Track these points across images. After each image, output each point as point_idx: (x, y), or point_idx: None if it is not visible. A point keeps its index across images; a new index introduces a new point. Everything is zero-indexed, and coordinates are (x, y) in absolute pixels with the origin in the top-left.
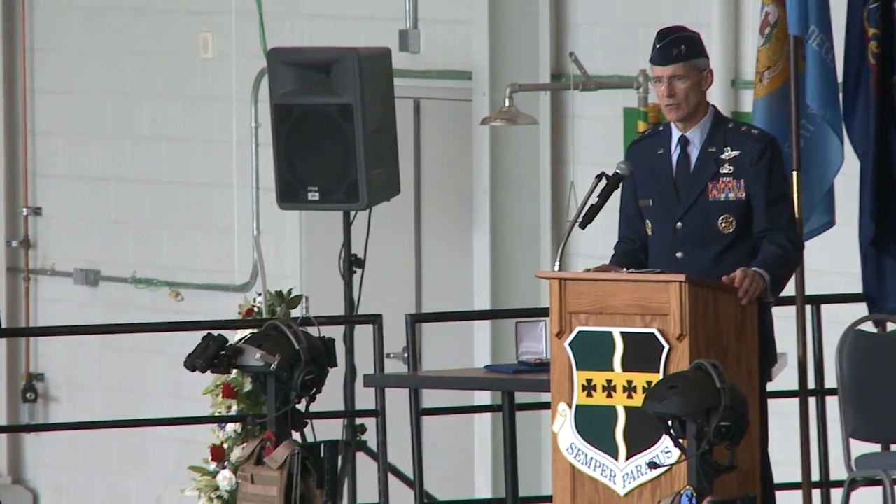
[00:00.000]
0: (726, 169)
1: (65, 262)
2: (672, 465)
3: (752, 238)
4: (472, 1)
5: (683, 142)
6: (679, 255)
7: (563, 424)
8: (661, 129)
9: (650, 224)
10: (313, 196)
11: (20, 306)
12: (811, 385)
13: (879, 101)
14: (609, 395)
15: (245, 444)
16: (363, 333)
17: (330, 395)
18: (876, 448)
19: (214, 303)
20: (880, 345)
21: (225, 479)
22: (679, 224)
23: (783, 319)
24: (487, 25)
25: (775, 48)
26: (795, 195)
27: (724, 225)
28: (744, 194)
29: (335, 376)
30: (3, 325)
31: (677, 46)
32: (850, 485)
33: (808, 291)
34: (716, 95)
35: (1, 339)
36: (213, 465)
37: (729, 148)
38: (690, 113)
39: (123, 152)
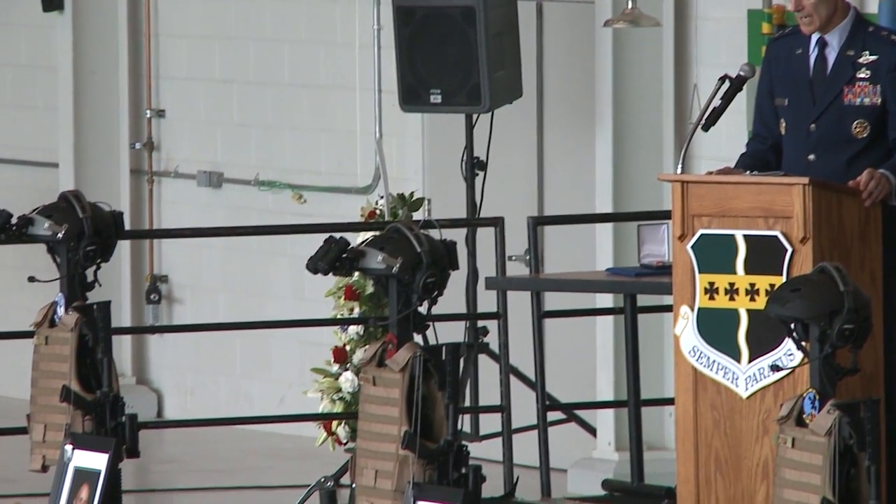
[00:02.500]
0: (863, 73)
1: (188, 164)
2: (795, 368)
3: (886, 144)
4: None
5: (821, 44)
6: (811, 157)
7: (685, 327)
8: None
9: (784, 123)
10: (436, 99)
11: (144, 208)
12: None
13: None
14: (731, 298)
15: (367, 347)
16: (485, 236)
17: (452, 298)
18: None
19: (337, 205)
20: None
21: (347, 381)
22: (813, 126)
23: None
24: None
25: None
26: None
27: (857, 130)
28: (879, 100)
29: (457, 279)
30: (127, 228)
31: None
32: None
33: None
34: None
35: (125, 241)
36: (335, 367)
37: (867, 52)
38: (823, 24)
39: (246, 55)
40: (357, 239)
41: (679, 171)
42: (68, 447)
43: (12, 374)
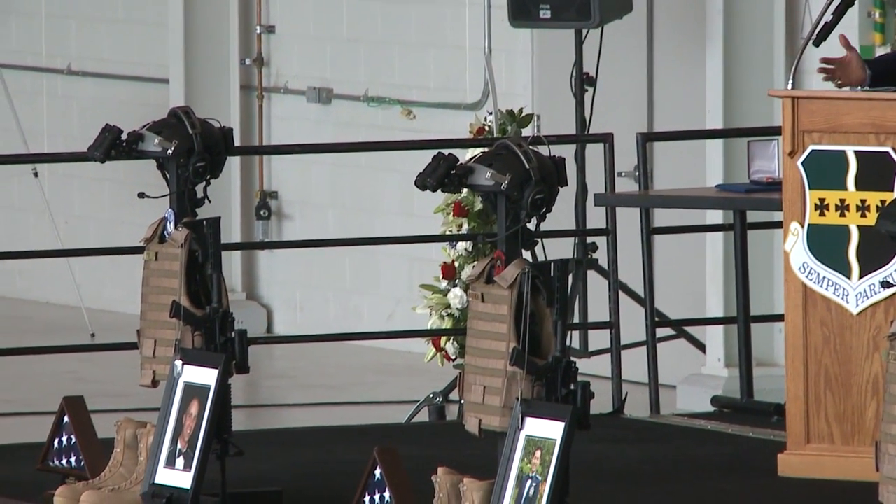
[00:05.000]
0: None
1: (298, 80)
2: None
3: None
4: None
5: None
6: None
7: (795, 244)
8: None
9: None
10: (545, 14)
11: (254, 124)
12: None
13: None
14: (842, 215)
15: (476, 263)
16: (594, 152)
17: (561, 214)
18: None
19: (445, 121)
20: None
21: (456, 297)
22: None
23: None
24: None
25: None
26: None
27: None
28: None
29: (566, 195)
30: (237, 144)
31: None
32: None
33: None
34: None
35: (235, 158)
36: (444, 284)
37: None
38: None
39: None
40: (466, 155)
41: (790, 86)
42: (178, 363)
43: (122, 290)
